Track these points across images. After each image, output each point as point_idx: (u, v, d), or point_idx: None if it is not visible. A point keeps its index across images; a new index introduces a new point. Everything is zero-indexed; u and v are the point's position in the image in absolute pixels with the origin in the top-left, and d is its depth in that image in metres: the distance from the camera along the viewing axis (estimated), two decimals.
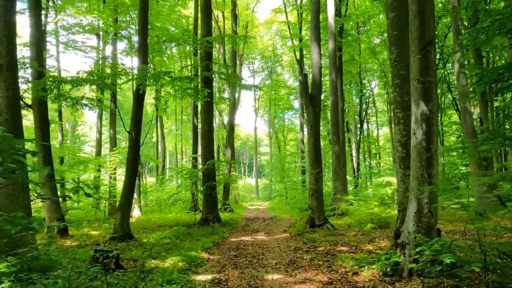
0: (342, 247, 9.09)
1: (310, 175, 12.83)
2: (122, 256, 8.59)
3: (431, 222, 5.75)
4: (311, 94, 12.97)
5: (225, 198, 21.68)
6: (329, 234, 11.45)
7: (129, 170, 11.16)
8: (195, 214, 16.76)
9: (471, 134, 14.33)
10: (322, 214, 12.60)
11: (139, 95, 10.92)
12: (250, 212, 24.06)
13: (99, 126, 25.60)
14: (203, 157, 15.65)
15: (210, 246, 10.13)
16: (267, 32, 39.65)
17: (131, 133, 11.01)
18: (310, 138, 12.96)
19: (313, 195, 12.66)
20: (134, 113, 11.06)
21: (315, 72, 13.15)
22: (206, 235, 12.28)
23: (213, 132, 15.91)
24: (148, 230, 14.17)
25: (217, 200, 16.09)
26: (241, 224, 16.01)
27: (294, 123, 49.73)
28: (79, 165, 19.20)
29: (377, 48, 35.26)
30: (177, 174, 16.34)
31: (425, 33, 5.75)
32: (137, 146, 11.10)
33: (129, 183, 11.13)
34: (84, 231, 13.96)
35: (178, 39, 14.87)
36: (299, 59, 28.81)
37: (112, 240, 10.78)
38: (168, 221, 17.24)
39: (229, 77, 14.86)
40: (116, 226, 10.93)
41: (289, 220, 17.15)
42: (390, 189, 18.94)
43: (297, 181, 26.61)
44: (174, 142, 39.27)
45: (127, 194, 11.05)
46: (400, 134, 6.74)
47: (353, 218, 16.11)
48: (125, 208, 11.01)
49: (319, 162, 12.87)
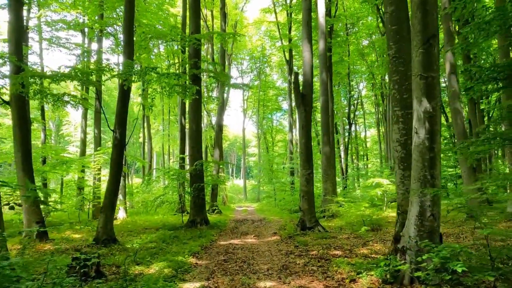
0: (336, 251, 8.72)
1: (301, 176, 12.46)
2: (104, 261, 8.06)
3: (434, 226, 5.40)
4: (302, 93, 12.61)
5: (213, 200, 21.17)
6: (320, 237, 11.09)
7: (113, 171, 10.61)
8: (182, 216, 16.24)
9: (462, 135, 14.16)
10: (313, 217, 12.24)
11: (124, 91, 10.38)
12: (239, 213, 23.60)
13: (84, 126, 24.87)
14: (191, 157, 15.15)
15: (198, 250, 9.66)
16: (256, 32, 39.32)
17: (115, 131, 10.46)
18: (301, 138, 12.60)
19: (304, 197, 12.29)
20: (119, 110, 10.52)
21: (306, 71, 12.79)
22: (194, 238, 11.79)
23: (201, 132, 15.42)
24: (133, 233, 13.62)
25: (205, 202, 15.60)
26: (229, 227, 15.55)
27: (283, 124, 49.50)
28: (61, 165, 18.47)
29: (365, 50, 35.25)
30: (164, 174, 15.77)
31: (428, 25, 5.41)
32: (121, 146, 10.56)
33: (113, 184, 10.58)
34: (66, 235, 13.33)
35: (165, 36, 14.34)
36: (288, 60, 28.50)
37: (95, 244, 10.21)
38: (154, 223, 16.68)
39: (218, 76, 14.39)
40: (99, 229, 10.36)
41: (278, 222, 16.77)
42: (380, 191, 18.71)
43: (286, 183, 26.25)
44: (161, 143, 38.55)
45: (111, 195, 10.50)
46: (399, 133, 6.39)
47: (343, 220, 15.81)
48: (109, 210, 10.45)
49: (311, 163, 12.50)
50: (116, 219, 18.75)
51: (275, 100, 43.71)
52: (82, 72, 9.36)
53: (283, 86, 43.77)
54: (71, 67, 9.43)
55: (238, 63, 41.07)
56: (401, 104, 6.44)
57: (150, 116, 34.47)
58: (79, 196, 19.77)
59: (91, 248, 9.99)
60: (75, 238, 12.18)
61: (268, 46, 39.31)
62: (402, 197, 6.28)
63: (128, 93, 10.43)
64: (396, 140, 6.44)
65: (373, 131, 50.72)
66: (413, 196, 5.49)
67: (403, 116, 6.39)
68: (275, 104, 43.65)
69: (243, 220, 18.20)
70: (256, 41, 38.79)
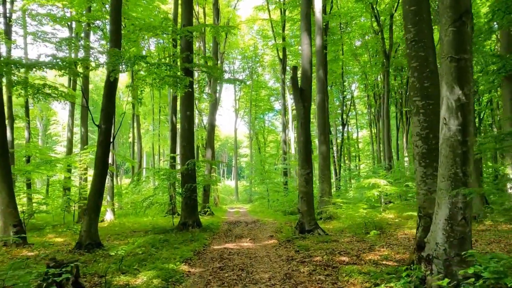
0: (342, 256, 7.93)
1: (300, 176, 11.67)
2: (86, 270, 7.15)
3: (466, 232, 4.64)
4: (301, 88, 11.83)
5: (205, 201, 20.28)
6: (321, 240, 10.30)
7: (98, 170, 9.68)
8: (173, 218, 15.33)
9: None
10: (312, 219, 11.45)
11: (111, 84, 9.48)
12: (231, 215, 22.73)
13: (71, 124, 23.79)
14: (182, 156, 14.26)
15: (190, 255, 8.78)
16: (248, 32, 38.55)
17: (100, 127, 9.55)
18: (300, 136, 11.81)
19: (303, 198, 11.49)
20: (105, 105, 9.61)
21: (305, 65, 12.03)
22: (186, 242, 10.91)
23: (193, 130, 14.55)
24: (120, 236, 12.68)
25: (197, 203, 14.73)
26: (223, 229, 14.68)
27: (275, 125, 48.78)
28: (45, 164, 17.41)
29: (358, 51, 34.73)
30: (154, 174, 14.84)
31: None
32: (107, 143, 9.64)
33: (97, 184, 9.65)
34: (48, 238, 12.33)
35: (156, 28, 13.44)
36: (282, 59, 27.76)
37: (77, 249, 9.27)
38: (143, 226, 15.74)
39: (211, 70, 13.54)
40: (82, 233, 9.42)
41: (273, 224, 15.96)
42: (376, 191, 18.03)
43: (279, 183, 25.46)
44: (151, 142, 37.46)
45: (96, 196, 9.57)
46: (420, 126, 5.63)
47: (342, 222, 15.07)
48: (93, 213, 9.53)
49: (310, 162, 11.72)
50: (103, 221, 17.74)
51: (267, 100, 42.97)
52: (64, 60, 8.44)
53: (275, 86, 43.06)
54: (52, 55, 8.50)
55: (230, 63, 40.22)
56: (421, 93, 5.69)
57: (140, 115, 33.43)
58: (64, 197, 18.71)
59: (73, 253, 9.06)
60: (57, 243, 11.20)
61: (260, 45, 38.57)
62: (424, 198, 5.51)
63: (114, 85, 9.52)
64: (416, 134, 5.68)
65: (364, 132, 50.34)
66: (441, 197, 4.72)
67: (424, 106, 5.63)
68: (267, 104, 42.90)
69: (236, 222, 17.35)
70: (249, 40, 38.01)
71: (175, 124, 20.60)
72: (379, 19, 26.44)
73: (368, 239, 10.41)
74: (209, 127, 21.90)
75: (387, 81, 26.61)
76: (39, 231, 14.21)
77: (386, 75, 26.52)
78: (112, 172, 18.56)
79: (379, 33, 27.32)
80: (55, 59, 8.68)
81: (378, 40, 28.07)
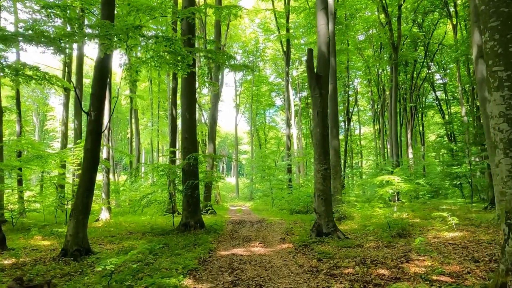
0: (379, 268, 6.48)
1: (317, 172, 10.20)
2: (66, 287, 5.69)
3: None
4: (317, 74, 10.36)
5: (206, 199, 18.79)
6: (343, 245, 8.87)
7: (87, 163, 8.18)
8: (173, 218, 13.86)
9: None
10: (331, 220, 10.00)
11: (102, 64, 7.98)
12: (233, 213, 21.26)
13: (65, 118, 22.26)
14: (184, 150, 12.77)
15: (195, 265, 7.32)
16: (250, 25, 37.05)
17: (90, 114, 8.05)
18: (316, 127, 10.33)
19: (320, 197, 10.03)
20: (96, 89, 8.11)
21: (322, 47, 10.55)
22: (188, 246, 9.46)
23: (195, 120, 13.05)
24: (115, 238, 11.20)
25: (200, 202, 13.26)
26: (227, 230, 13.22)
27: (275, 121, 47.33)
28: (36, 159, 15.89)
29: (362, 45, 33.32)
30: (152, 170, 13.35)
31: None
32: (98, 132, 8.14)
33: (86, 180, 8.16)
34: (34, 241, 10.84)
35: (155, 10, 11.92)
36: (286, 51, 26.24)
37: (62, 257, 7.79)
38: (141, 226, 14.27)
39: (215, 56, 12.04)
40: (68, 237, 7.93)
41: (281, 224, 14.51)
42: (391, 189, 16.62)
43: (283, 180, 23.99)
44: (149, 138, 35.88)
45: (84, 195, 8.08)
46: (505, 104, 4.17)
47: (356, 222, 13.66)
48: (81, 214, 8.04)
49: (328, 156, 10.26)
50: (97, 220, 16.26)
51: (268, 95, 41.48)
52: (45, 32, 6.95)
53: (277, 82, 41.59)
54: (31, 26, 7.00)
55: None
56: (505, 60, 4.22)
57: (138, 110, 31.88)
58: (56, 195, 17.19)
59: (57, 262, 7.57)
60: (41, 247, 9.71)
61: (261, 40, 37.04)
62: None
63: (106, 65, 8.02)
64: (499, 115, 4.22)
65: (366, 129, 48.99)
66: None
67: (510, 78, 4.17)
68: (269, 100, 41.43)
69: (240, 222, 15.89)
70: (250, 34, 36.48)
71: (175, 117, 19.10)
72: (387, 10, 24.98)
73: (395, 243, 8.99)
74: (211, 120, 20.37)
75: (395, 74, 25.20)
76: (28, 231, 12.72)
77: (394, 68, 25.11)
78: (108, 168, 17.07)
79: (387, 24, 25.90)
80: (34, 27, 7.16)
81: (386, 32, 26.64)
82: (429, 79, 34.27)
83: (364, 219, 13.78)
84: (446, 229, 10.31)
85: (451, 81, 35.33)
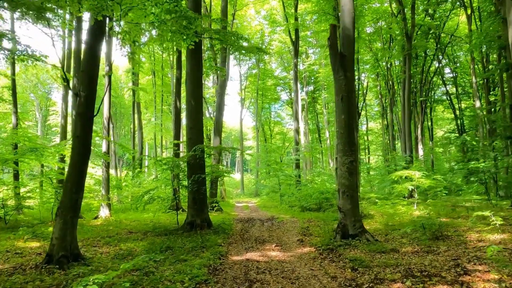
0: (438, 284, 5.08)
1: (341, 165, 8.80)
2: None
3: None
4: (341, 53, 8.95)
5: (212, 195, 17.44)
6: (375, 250, 7.48)
7: (76, 153, 6.81)
8: (177, 215, 12.49)
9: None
10: (358, 220, 8.61)
11: (94, 31, 6.59)
12: (240, 210, 19.90)
13: (64, 110, 20.85)
14: (189, 141, 11.38)
15: (204, 275, 5.96)
16: (255, 17, 35.60)
17: (79, 94, 6.67)
18: (340, 114, 8.92)
19: (346, 193, 8.64)
20: (86, 63, 6.73)
21: (346, 24, 9.13)
22: (195, 250, 8.10)
23: (202, 108, 11.66)
24: (113, 239, 9.86)
25: (207, 198, 11.89)
26: (237, 229, 11.84)
27: (281, 116, 45.91)
28: (31, 152, 14.59)
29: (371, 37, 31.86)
30: (155, 164, 11.98)
31: None
32: (88, 116, 6.77)
33: (76, 173, 6.80)
34: (22, 241, 9.50)
35: None
36: (294, 41, 24.78)
37: (46, 264, 6.44)
38: (143, 224, 12.95)
39: (224, 37, 10.63)
40: (54, 241, 6.58)
41: (294, 223, 13.12)
42: (410, 185, 15.23)
43: (292, 176, 22.59)
44: (153, 133, 34.48)
45: (72, 190, 6.72)
46: None
47: (378, 221, 12.24)
48: (70, 212, 6.68)
49: (354, 147, 8.86)
50: (97, 218, 14.95)
51: (274, 90, 40.01)
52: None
53: (282, 75, 40.12)
54: None
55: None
56: None
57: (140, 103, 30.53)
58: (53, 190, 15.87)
59: (40, 270, 6.23)
60: (27, 250, 8.36)
61: (267, 32, 35.58)
62: None
63: (99, 32, 6.62)
64: None
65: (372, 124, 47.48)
66: None
67: None
68: (274, 94, 39.96)
69: (249, 220, 14.53)
70: (256, 26, 34.99)
71: (179, 109, 17.71)
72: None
73: (435, 247, 7.60)
74: (217, 112, 18.92)
75: (408, 65, 23.76)
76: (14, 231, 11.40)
77: (408, 59, 23.65)
78: (108, 162, 15.73)
79: (399, 13, 24.43)
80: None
81: (398, 22, 25.18)
82: (439, 73, 32.84)
83: (386, 217, 12.41)
84: (488, 230, 8.90)
85: (461, 75, 33.96)
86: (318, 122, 40.53)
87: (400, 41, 25.93)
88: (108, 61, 15.67)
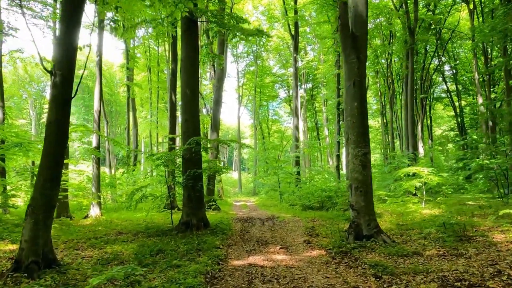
0: None
1: (353, 158, 7.80)
2: None
3: None
4: (353, 34, 7.96)
5: (209, 193, 16.37)
6: (395, 253, 6.49)
7: (50, 142, 5.77)
8: (172, 214, 11.44)
9: None
10: (373, 219, 7.61)
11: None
12: (239, 209, 18.87)
13: None
14: (184, 135, 10.36)
15: (200, 285, 4.94)
16: (253, 13, 34.59)
17: (54, 73, 5.64)
18: (351, 101, 7.93)
19: (359, 189, 7.64)
20: (63, 34, 5.69)
21: (358, 1, 8.13)
22: (190, 253, 7.07)
23: (198, 99, 10.64)
24: (100, 241, 8.81)
25: (203, 196, 10.85)
26: (236, 230, 10.82)
27: (279, 114, 44.90)
28: (15, 148, 13.50)
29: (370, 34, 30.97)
30: (147, 159, 10.91)
31: None
32: (65, 98, 5.73)
33: (50, 165, 5.75)
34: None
35: None
36: (293, 35, 23.78)
37: (13, 272, 5.39)
38: (134, 224, 11.89)
39: (222, 21, 9.62)
40: (23, 244, 5.53)
41: (296, 223, 12.10)
42: (418, 182, 14.29)
43: (292, 173, 21.59)
44: (148, 130, 33.32)
45: (46, 185, 5.67)
46: None
47: (387, 220, 11.24)
48: (42, 211, 5.63)
49: (367, 138, 7.87)
50: (86, 217, 13.88)
51: (272, 87, 39.00)
52: None
53: (280, 73, 39.11)
54: None
55: (233, 47, 36.06)
56: None
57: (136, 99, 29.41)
58: None
59: (3, 281, 5.18)
60: (1, 254, 7.29)
61: (265, 28, 34.55)
62: None
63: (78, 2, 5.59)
64: None
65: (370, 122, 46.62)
66: None
67: None
68: (272, 92, 38.95)
69: (249, 219, 13.50)
70: (253, 22, 33.95)
71: (174, 103, 16.65)
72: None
73: (463, 250, 6.62)
74: (214, 106, 17.85)
75: (411, 60, 22.85)
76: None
77: (411, 53, 22.74)
78: (98, 158, 14.65)
79: (402, 6, 23.54)
80: None
81: (400, 16, 24.27)
82: (439, 69, 32.05)
83: (396, 216, 11.44)
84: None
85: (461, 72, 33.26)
86: (317, 120, 39.57)
87: (402, 36, 25.05)
88: (99, 51, 14.64)
